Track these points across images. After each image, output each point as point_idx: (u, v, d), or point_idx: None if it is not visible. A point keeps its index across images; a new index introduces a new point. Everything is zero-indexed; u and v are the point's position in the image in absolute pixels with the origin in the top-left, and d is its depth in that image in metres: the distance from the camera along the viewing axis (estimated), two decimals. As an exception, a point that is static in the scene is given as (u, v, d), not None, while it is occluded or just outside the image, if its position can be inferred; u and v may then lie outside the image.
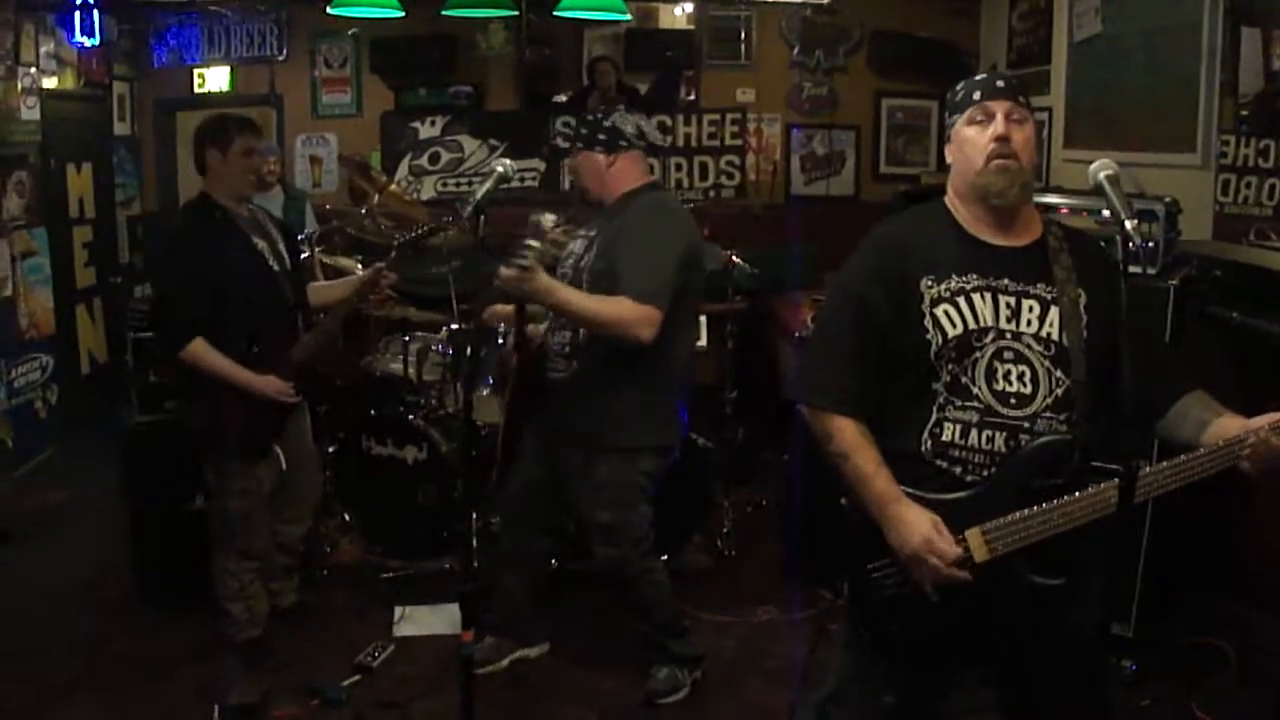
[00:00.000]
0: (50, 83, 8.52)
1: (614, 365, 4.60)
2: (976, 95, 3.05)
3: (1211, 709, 4.70)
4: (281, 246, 5.06)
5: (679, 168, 9.58)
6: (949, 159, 3.16)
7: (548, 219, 4.72)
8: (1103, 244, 3.26)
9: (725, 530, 6.54)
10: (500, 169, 3.86)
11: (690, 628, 5.11)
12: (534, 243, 4.28)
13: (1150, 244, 4.80)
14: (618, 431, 4.69)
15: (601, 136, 4.74)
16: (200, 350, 4.69)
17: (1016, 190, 3.02)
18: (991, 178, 3.00)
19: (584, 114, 4.81)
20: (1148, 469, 2.83)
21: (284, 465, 5.01)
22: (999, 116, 3.01)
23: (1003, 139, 3.00)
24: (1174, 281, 4.77)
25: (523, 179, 9.30)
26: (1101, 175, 2.77)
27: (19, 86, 8.04)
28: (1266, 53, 5.55)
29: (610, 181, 4.76)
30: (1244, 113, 5.71)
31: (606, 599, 5.24)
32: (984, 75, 3.15)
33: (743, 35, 9.84)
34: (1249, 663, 5.00)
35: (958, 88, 3.14)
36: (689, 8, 9.97)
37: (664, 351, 4.59)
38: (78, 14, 8.70)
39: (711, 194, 9.56)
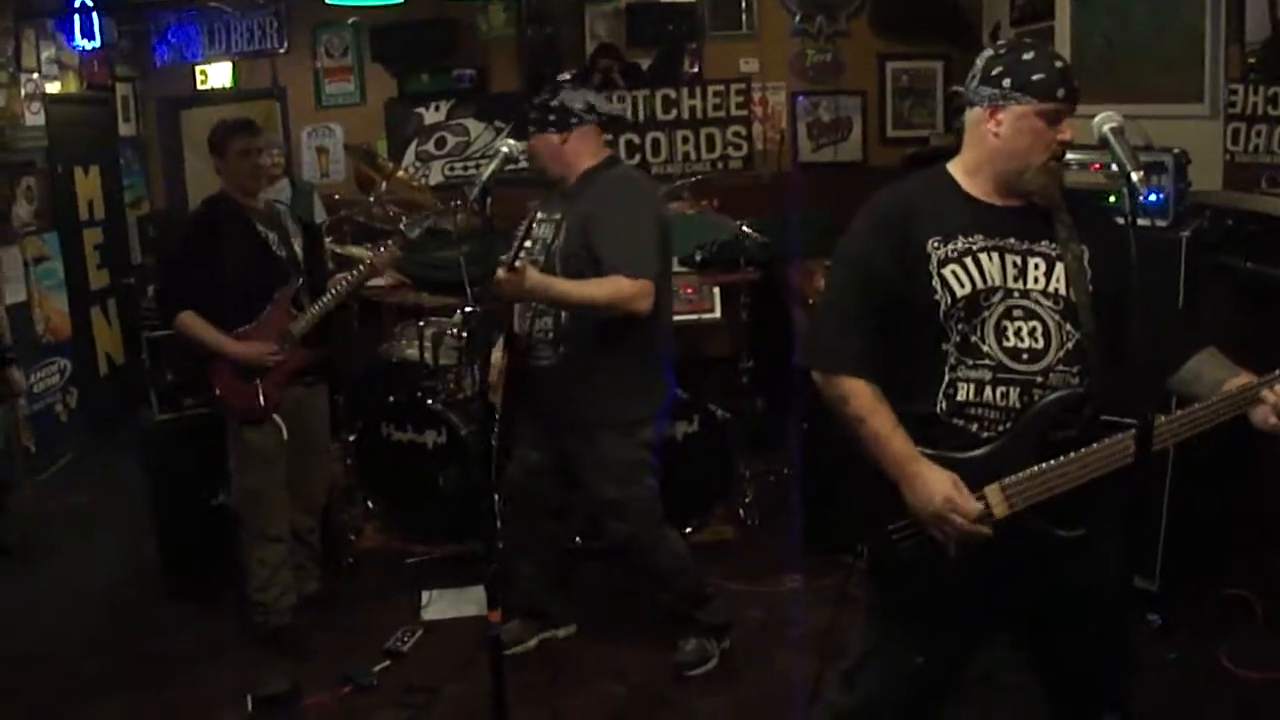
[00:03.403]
0: (53, 87, 8.54)
1: (601, 343, 4.61)
2: (1060, 93, 2.94)
3: (1239, 660, 4.71)
4: (295, 239, 5.31)
5: (685, 140, 9.55)
6: (990, 127, 3.02)
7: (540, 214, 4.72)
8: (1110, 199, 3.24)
9: (747, 500, 6.55)
10: (505, 149, 3.86)
11: (715, 596, 5.12)
12: (526, 242, 4.27)
13: (1161, 195, 4.79)
14: (614, 408, 4.71)
15: (551, 117, 4.71)
16: (188, 320, 5.07)
17: (1056, 191, 3.03)
18: (1044, 178, 2.99)
19: (530, 101, 4.78)
20: (1162, 418, 2.84)
21: (284, 435, 5.14)
22: (1067, 119, 2.97)
23: (1067, 145, 2.98)
24: (1185, 233, 4.76)
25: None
26: (1106, 128, 2.75)
27: (22, 93, 8.06)
28: (1272, 0, 5.51)
29: (568, 160, 4.74)
30: (1251, 60, 5.68)
31: (629, 575, 5.26)
32: (1063, 66, 2.98)
33: (744, 4, 9.78)
34: (1276, 613, 5.00)
35: (1034, 63, 2.96)
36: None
37: (648, 322, 4.59)
38: (77, 17, 8.70)
39: (719, 165, 9.53)
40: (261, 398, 5.07)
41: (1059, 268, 3.01)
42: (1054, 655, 3.26)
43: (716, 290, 6.85)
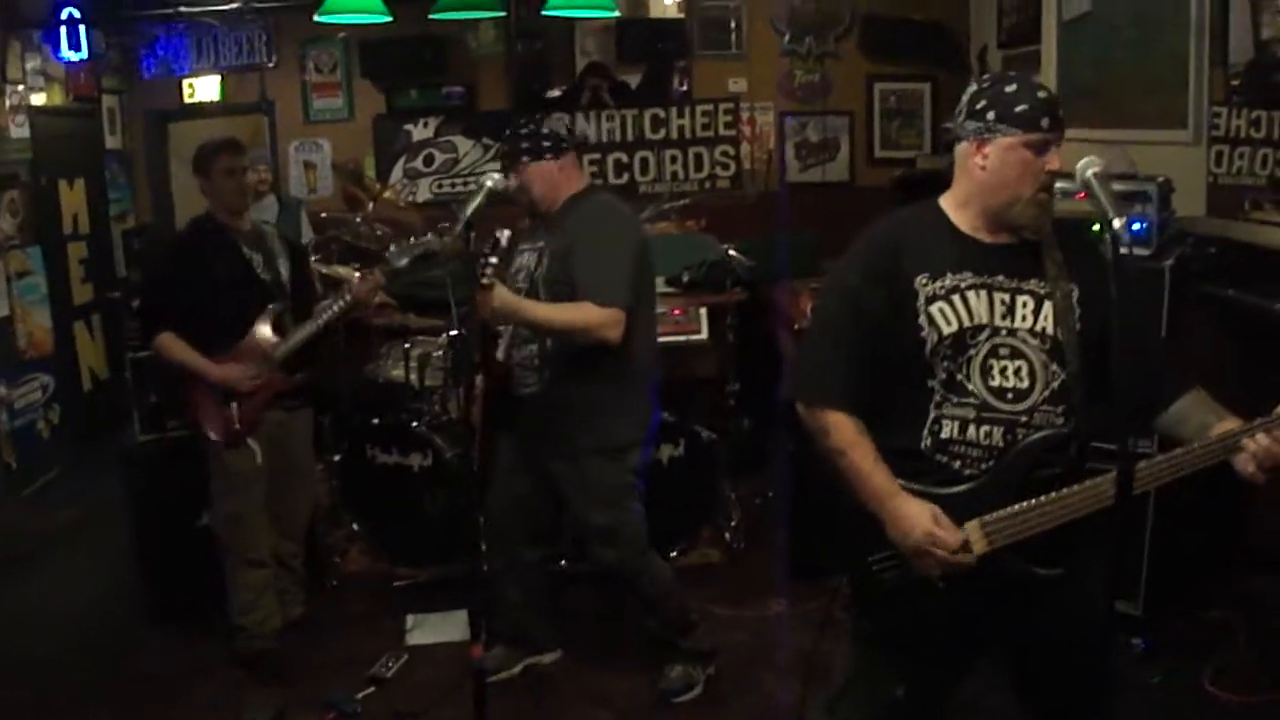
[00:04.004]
0: (39, 99, 8.53)
1: (586, 368, 4.61)
2: (1045, 123, 2.93)
3: (1222, 683, 4.72)
4: (281, 261, 5.26)
5: (673, 159, 9.55)
6: (977, 160, 3.02)
7: (505, 234, 4.70)
8: (1095, 228, 3.24)
9: (733, 523, 6.53)
10: (490, 183, 3.87)
11: (700, 622, 5.11)
12: (494, 259, 4.26)
13: (1144, 224, 4.81)
14: (600, 433, 4.71)
15: (546, 143, 4.71)
16: (167, 341, 5.03)
17: (1046, 224, 3.03)
18: (1034, 211, 2.99)
19: (516, 130, 4.77)
20: (1144, 463, 2.85)
21: (258, 459, 5.07)
22: (1054, 149, 2.97)
23: (1055, 174, 2.98)
24: (1169, 262, 4.78)
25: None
26: (1089, 173, 2.77)
27: (7, 105, 8.05)
28: (1255, 22, 5.52)
29: (559, 186, 4.74)
30: (1235, 83, 5.69)
31: (615, 600, 5.25)
32: (1046, 96, 2.99)
33: (733, 25, 9.82)
34: (1259, 636, 5.01)
35: (1017, 95, 2.97)
36: (679, -3, 9.97)
37: (631, 347, 4.61)
38: (64, 29, 8.69)
39: (707, 184, 9.53)
40: (237, 421, 5.02)
41: (1047, 306, 3.02)
42: (1037, 685, 3.28)
43: (703, 311, 6.84)
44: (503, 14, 8.18)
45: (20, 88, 8.25)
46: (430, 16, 7.14)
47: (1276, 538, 5.22)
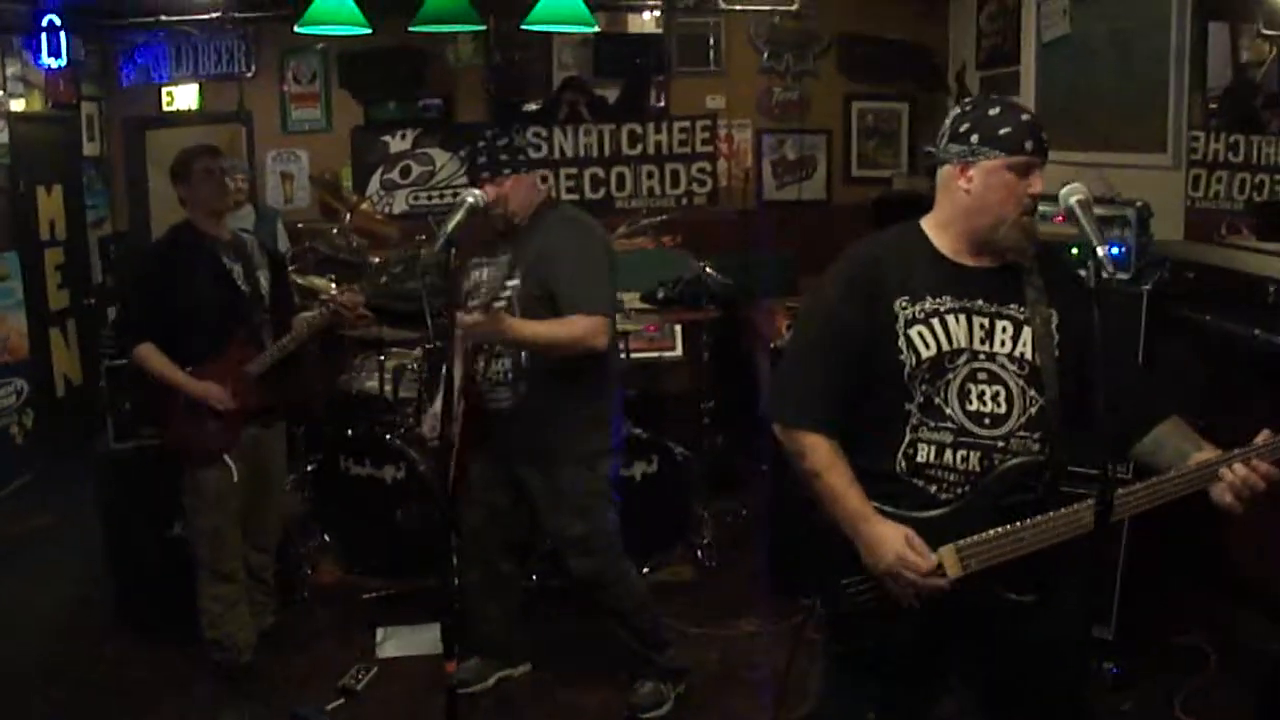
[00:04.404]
0: (18, 105, 8.49)
1: (559, 380, 4.63)
2: (1028, 146, 2.95)
3: (1194, 710, 4.73)
4: (261, 272, 5.21)
5: (650, 175, 9.58)
6: (961, 184, 3.03)
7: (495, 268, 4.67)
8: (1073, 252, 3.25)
9: (706, 541, 6.52)
10: (471, 199, 3.85)
11: (673, 640, 5.11)
12: (514, 282, 4.24)
13: (1123, 248, 4.83)
14: (574, 441, 4.73)
15: (522, 157, 4.75)
16: (146, 353, 4.97)
17: (1030, 247, 3.04)
18: (1017, 233, 2.99)
19: (492, 141, 4.75)
20: (1121, 491, 2.85)
21: (235, 477, 5.02)
22: (1038, 171, 2.98)
23: (1038, 197, 2.98)
24: (1146, 287, 4.79)
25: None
26: (1072, 200, 2.79)
27: (-14, 110, 8.01)
28: (1234, 46, 5.57)
29: (532, 199, 4.76)
30: (1213, 107, 5.73)
31: (587, 614, 5.23)
32: (1030, 119, 3.00)
33: (712, 41, 9.82)
34: (1230, 662, 5.03)
35: (1000, 118, 2.99)
36: (658, 13, 9.94)
37: (603, 356, 4.65)
38: (44, 35, 8.65)
39: (684, 201, 9.57)
40: (213, 439, 4.99)
41: (1026, 331, 3.03)
42: (1009, 711, 3.26)
43: (678, 328, 6.85)
44: (481, 27, 8.16)
45: (-1, 93, 8.22)
46: (410, 29, 7.14)
47: (1249, 564, 5.23)
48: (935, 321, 3.01)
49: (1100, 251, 2.64)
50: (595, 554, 4.81)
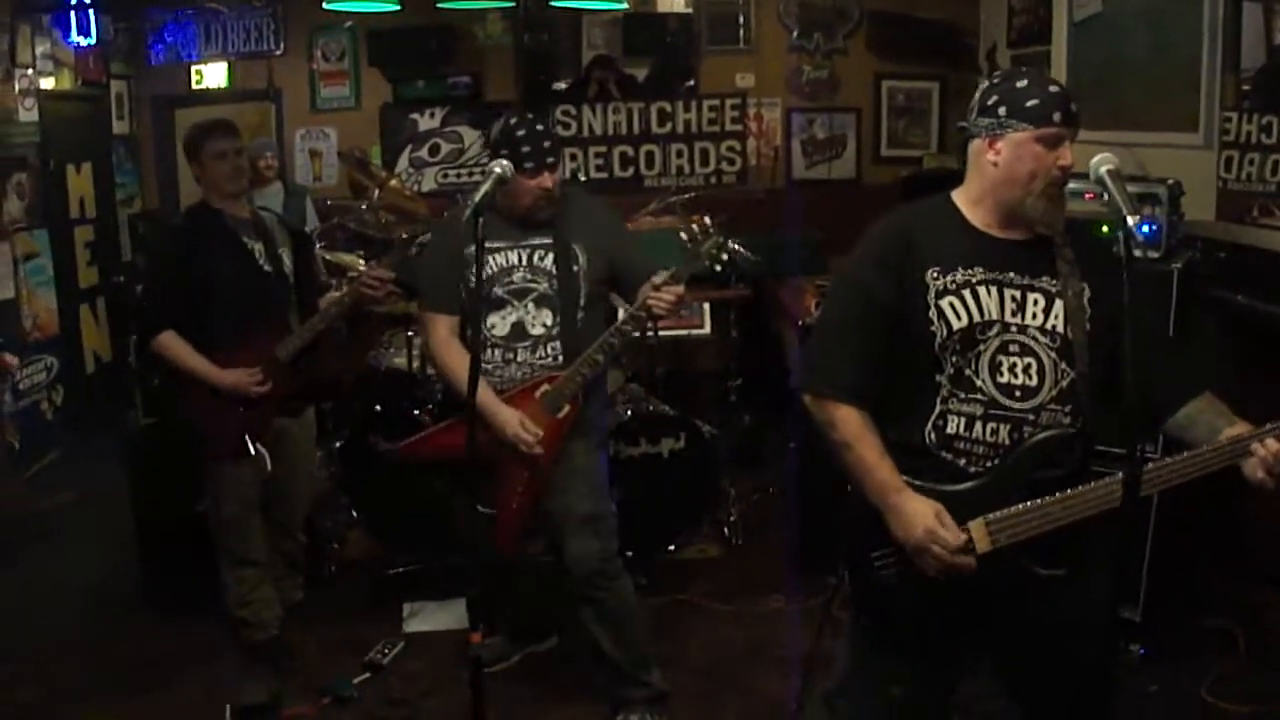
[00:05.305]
0: (48, 83, 8.50)
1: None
2: (1057, 117, 2.92)
3: (1221, 693, 4.70)
4: (284, 250, 5.00)
5: (679, 154, 9.58)
6: (990, 157, 3.01)
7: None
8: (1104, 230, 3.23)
9: (732, 519, 6.53)
10: (499, 170, 3.82)
11: (654, 657, 4.85)
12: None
13: (1154, 226, 4.79)
14: (591, 422, 4.67)
15: (560, 145, 4.64)
16: (168, 341, 4.72)
17: (1060, 219, 3.02)
18: (1044, 205, 2.96)
19: (548, 129, 4.57)
20: (1151, 465, 2.83)
21: (268, 466, 4.85)
22: (1067, 143, 2.96)
23: (1068, 169, 2.96)
24: (1177, 265, 4.76)
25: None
26: (1103, 170, 2.75)
27: (16, 88, 8.01)
28: (1268, 27, 5.51)
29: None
30: (1246, 88, 5.68)
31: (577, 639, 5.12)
32: (1059, 91, 2.98)
33: (741, 20, 9.79)
34: (1258, 645, 5.01)
35: (1028, 90, 2.97)
36: (688, -8, 9.94)
37: None
38: (74, 14, 8.68)
39: (713, 180, 9.56)
40: (243, 427, 4.79)
41: (1058, 304, 3.01)
42: (1035, 688, 3.24)
43: (706, 306, 6.83)
44: (511, 4, 8.16)
45: (30, 72, 8.22)
46: (439, 5, 7.13)
47: (1277, 547, 5.20)
48: (966, 293, 2.99)
49: (1131, 220, 2.61)
50: (602, 535, 4.61)
